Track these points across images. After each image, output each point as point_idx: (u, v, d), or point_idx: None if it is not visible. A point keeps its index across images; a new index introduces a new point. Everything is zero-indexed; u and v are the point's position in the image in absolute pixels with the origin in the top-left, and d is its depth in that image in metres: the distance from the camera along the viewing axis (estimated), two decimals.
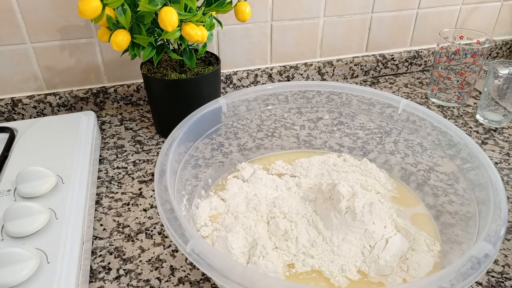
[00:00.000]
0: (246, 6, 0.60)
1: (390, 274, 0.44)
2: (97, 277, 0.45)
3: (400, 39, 0.89)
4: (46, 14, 0.65)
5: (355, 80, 0.89)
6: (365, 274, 0.44)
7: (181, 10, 0.52)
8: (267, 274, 0.42)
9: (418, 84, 0.87)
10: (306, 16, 0.79)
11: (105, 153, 0.65)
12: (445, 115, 0.76)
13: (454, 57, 0.75)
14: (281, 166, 0.60)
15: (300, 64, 0.83)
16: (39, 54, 0.68)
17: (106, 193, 0.57)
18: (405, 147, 0.58)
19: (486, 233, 0.36)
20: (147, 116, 0.74)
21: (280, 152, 0.63)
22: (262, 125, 0.62)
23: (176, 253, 0.48)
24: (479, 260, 0.34)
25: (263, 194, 0.53)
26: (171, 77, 0.62)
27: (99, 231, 0.51)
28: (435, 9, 0.87)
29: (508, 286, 0.45)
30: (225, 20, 0.72)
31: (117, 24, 0.52)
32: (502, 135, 0.70)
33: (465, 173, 0.48)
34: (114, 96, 0.75)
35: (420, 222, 0.51)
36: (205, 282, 0.45)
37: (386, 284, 0.43)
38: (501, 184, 0.41)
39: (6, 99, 0.70)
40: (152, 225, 0.52)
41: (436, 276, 0.32)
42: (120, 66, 0.74)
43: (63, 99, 0.72)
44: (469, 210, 0.45)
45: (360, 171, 0.59)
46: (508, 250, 0.49)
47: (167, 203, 0.38)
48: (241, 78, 0.81)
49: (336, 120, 0.62)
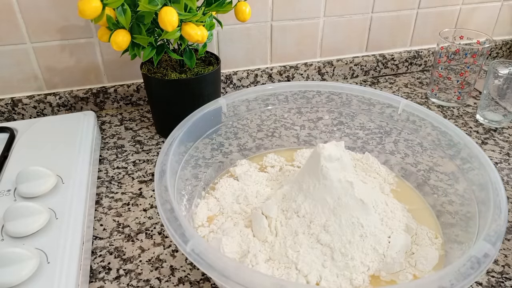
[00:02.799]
0: (246, 6, 0.60)
1: (400, 271, 0.44)
2: (97, 277, 0.45)
3: (400, 39, 0.89)
4: (46, 14, 0.65)
5: (355, 80, 0.89)
6: (376, 276, 0.44)
7: (181, 10, 0.52)
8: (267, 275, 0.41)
9: (418, 84, 0.87)
10: (306, 16, 0.79)
11: (105, 153, 0.65)
12: (445, 115, 0.76)
13: (454, 57, 0.75)
14: (273, 159, 0.61)
15: (300, 64, 0.83)
16: (39, 54, 0.68)
17: (106, 193, 0.57)
18: (405, 147, 0.58)
19: (486, 233, 0.36)
20: (147, 116, 0.74)
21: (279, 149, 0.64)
22: (262, 125, 0.62)
23: (176, 253, 0.48)
24: (479, 260, 0.34)
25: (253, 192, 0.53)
26: (171, 77, 0.62)
27: (99, 231, 0.51)
28: (435, 9, 0.87)
29: (508, 286, 0.45)
30: (225, 20, 0.72)
31: (117, 24, 0.52)
32: (502, 135, 0.70)
33: (465, 173, 0.48)
34: (114, 96, 0.75)
35: (421, 216, 0.51)
36: (205, 282, 0.45)
37: (398, 282, 0.43)
38: (501, 184, 0.41)
39: (6, 99, 0.70)
40: (152, 225, 0.52)
41: (436, 276, 0.32)
42: (120, 66, 0.74)
43: (63, 99, 0.72)
44: (469, 210, 0.45)
45: (362, 165, 0.59)
46: (508, 250, 0.49)
47: (167, 203, 0.38)
48: (241, 78, 0.81)
49: (336, 120, 0.62)
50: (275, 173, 0.58)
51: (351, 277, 0.43)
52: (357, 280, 0.42)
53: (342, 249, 0.44)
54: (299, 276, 0.42)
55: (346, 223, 0.46)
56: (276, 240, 0.46)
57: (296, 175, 0.52)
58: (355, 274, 0.43)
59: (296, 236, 0.46)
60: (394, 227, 0.47)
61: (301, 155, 0.61)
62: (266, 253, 0.45)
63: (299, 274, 0.43)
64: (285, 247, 0.45)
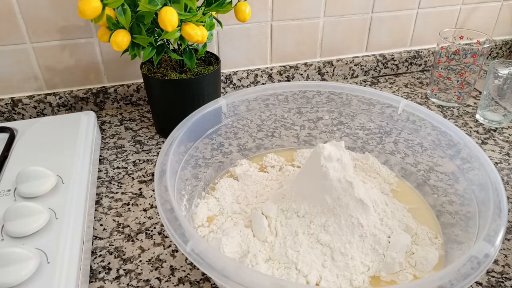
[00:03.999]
0: (246, 6, 0.60)
1: (400, 271, 0.44)
2: (97, 277, 0.45)
3: (400, 39, 0.89)
4: (46, 14, 0.65)
5: (355, 80, 0.89)
6: (376, 277, 0.44)
7: (181, 10, 0.52)
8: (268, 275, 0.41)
9: (418, 84, 0.87)
10: (306, 16, 0.79)
11: (105, 153, 0.65)
12: (445, 115, 0.76)
13: (454, 57, 0.75)
14: (273, 159, 0.61)
15: (300, 64, 0.83)
16: (39, 54, 0.68)
17: (106, 193, 0.57)
18: (405, 147, 0.58)
19: (486, 233, 0.36)
20: (147, 116, 0.74)
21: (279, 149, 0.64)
22: (262, 125, 0.62)
23: (176, 253, 0.48)
24: (479, 260, 0.34)
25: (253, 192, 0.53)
26: (171, 77, 0.62)
27: (99, 231, 0.51)
28: (435, 9, 0.87)
29: (508, 286, 0.45)
30: (225, 20, 0.72)
31: (117, 24, 0.52)
32: (502, 135, 0.70)
33: (465, 173, 0.48)
34: (114, 96, 0.75)
35: (421, 216, 0.51)
36: (205, 282, 0.45)
37: (398, 282, 0.43)
38: (501, 184, 0.41)
39: (6, 99, 0.70)
40: (152, 225, 0.52)
41: (436, 276, 0.32)
42: (120, 66, 0.74)
43: (63, 99, 0.72)
44: (469, 210, 0.45)
45: (361, 165, 0.59)
46: (508, 250, 0.49)
47: (167, 203, 0.38)
48: (241, 78, 0.81)
49: (336, 120, 0.62)
50: (275, 173, 0.58)
51: (351, 278, 0.43)
52: (357, 281, 0.42)
53: (342, 249, 0.44)
54: (299, 276, 0.42)
55: (346, 223, 0.46)
56: (276, 240, 0.46)
57: (296, 175, 0.52)
58: (355, 274, 0.43)
59: (296, 236, 0.46)
60: (394, 227, 0.47)
61: (301, 155, 0.62)
62: (266, 253, 0.45)
63: (299, 274, 0.43)
64: (285, 247, 0.45)
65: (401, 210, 0.51)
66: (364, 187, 0.49)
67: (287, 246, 0.45)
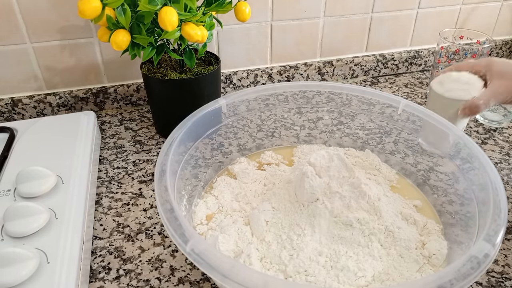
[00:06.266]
0: (246, 6, 0.60)
1: (408, 266, 0.43)
2: (97, 277, 0.45)
3: (400, 39, 0.89)
4: (46, 14, 0.65)
5: (355, 80, 0.89)
6: (380, 275, 0.43)
7: (181, 10, 0.52)
8: (268, 275, 0.41)
9: (418, 84, 0.87)
10: (306, 16, 0.79)
11: (105, 153, 0.65)
12: None
13: (454, 57, 0.75)
14: (270, 156, 0.61)
15: (300, 64, 0.83)
16: (39, 54, 0.68)
17: (106, 193, 0.57)
18: (405, 147, 0.58)
19: (486, 233, 0.36)
20: (147, 116, 0.74)
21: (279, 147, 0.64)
22: (262, 125, 0.62)
23: (176, 253, 0.48)
24: (479, 260, 0.34)
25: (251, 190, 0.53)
26: (171, 77, 0.62)
27: (99, 231, 0.51)
28: (435, 9, 0.87)
29: (508, 286, 0.45)
30: (225, 20, 0.72)
31: (117, 24, 0.52)
32: (502, 135, 0.70)
33: (465, 173, 0.48)
34: (114, 96, 0.75)
35: (423, 212, 0.51)
36: (205, 282, 0.45)
37: (403, 278, 0.43)
38: (501, 184, 0.41)
39: (6, 99, 0.70)
40: (152, 225, 0.52)
41: (436, 276, 0.32)
42: (120, 66, 0.74)
43: (63, 99, 0.72)
44: (469, 210, 0.45)
45: (362, 162, 0.59)
46: (508, 250, 0.49)
47: (167, 203, 0.38)
48: (241, 78, 0.81)
49: (336, 120, 0.62)
50: (273, 171, 0.57)
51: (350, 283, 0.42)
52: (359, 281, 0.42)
53: (341, 251, 0.44)
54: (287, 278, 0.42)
55: (345, 223, 0.46)
56: (273, 240, 0.46)
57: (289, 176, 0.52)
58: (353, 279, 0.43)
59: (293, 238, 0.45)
60: (398, 223, 0.47)
61: (300, 151, 0.61)
62: (262, 251, 0.45)
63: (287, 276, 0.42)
64: (281, 247, 0.45)
65: (405, 206, 0.51)
66: (364, 187, 0.49)
67: (282, 247, 0.45)
